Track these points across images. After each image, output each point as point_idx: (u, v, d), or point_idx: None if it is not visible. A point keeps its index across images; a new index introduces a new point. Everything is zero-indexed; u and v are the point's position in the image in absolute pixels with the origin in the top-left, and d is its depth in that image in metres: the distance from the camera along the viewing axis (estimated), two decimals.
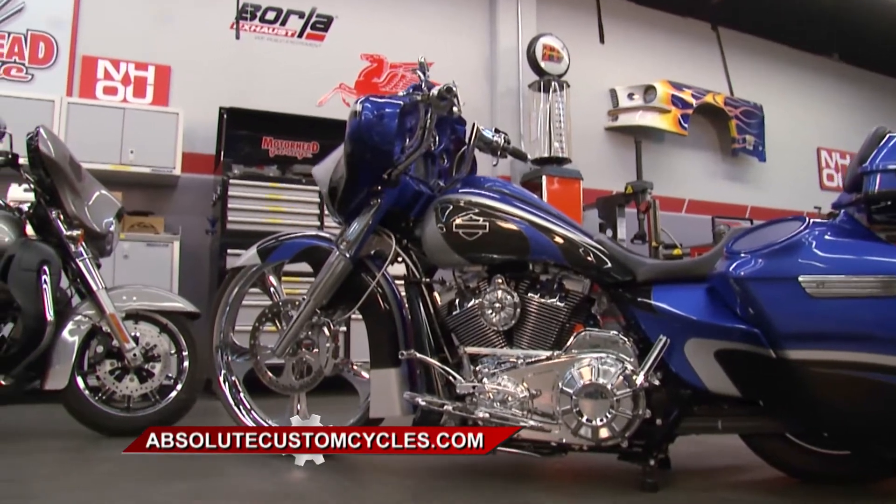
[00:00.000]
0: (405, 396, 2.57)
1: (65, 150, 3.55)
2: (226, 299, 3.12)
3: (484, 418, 2.40)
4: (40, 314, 3.25)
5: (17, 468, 2.70)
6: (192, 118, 5.94)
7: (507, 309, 2.49)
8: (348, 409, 2.85)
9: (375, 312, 2.74)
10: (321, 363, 2.81)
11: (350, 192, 2.68)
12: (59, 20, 6.04)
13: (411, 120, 2.65)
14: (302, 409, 2.90)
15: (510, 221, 2.49)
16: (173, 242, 5.50)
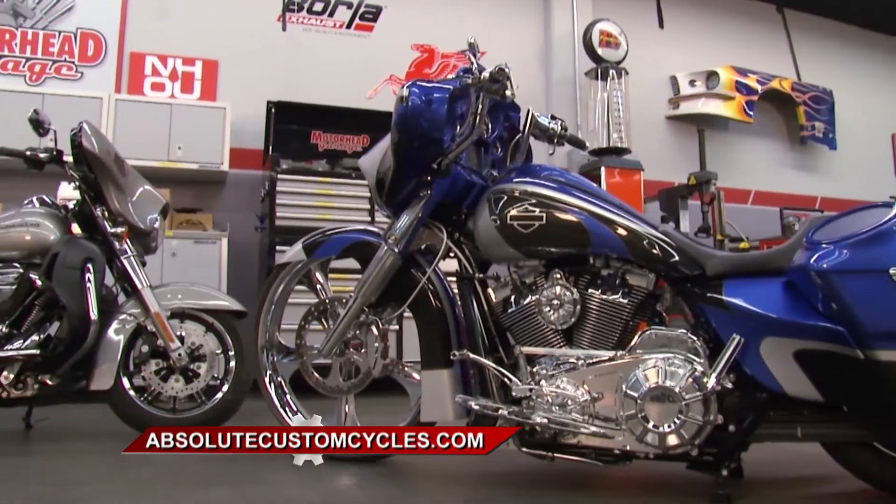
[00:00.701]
0: (457, 400, 2.45)
1: (108, 146, 3.52)
2: (271, 297, 3.04)
3: (542, 424, 2.27)
4: (84, 313, 3.23)
5: (59, 471, 2.67)
6: (240, 113, 5.94)
7: (566, 306, 2.35)
8: (399, 411, 2.76)
9: (426, 310, 2.63)
10: (369, 364, 2.71)
11: (398, 183, 2.57)
12: (107, 17, 6.11)
13: (462, 105, 2.53)
14: (350, 411, 2.82)
15: (569, 212, 2.36)
16: (221, 239, 5.50)
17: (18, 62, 5.89)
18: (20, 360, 3.21)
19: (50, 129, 3.46)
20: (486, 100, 2.46)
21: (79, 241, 3.39)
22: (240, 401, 3.48)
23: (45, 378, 3.24)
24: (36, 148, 3.50)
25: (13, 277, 3.30)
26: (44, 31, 5.96)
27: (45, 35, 5.96)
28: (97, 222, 3.47)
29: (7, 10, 5.93)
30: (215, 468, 2.43)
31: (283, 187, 5.49)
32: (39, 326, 3.32)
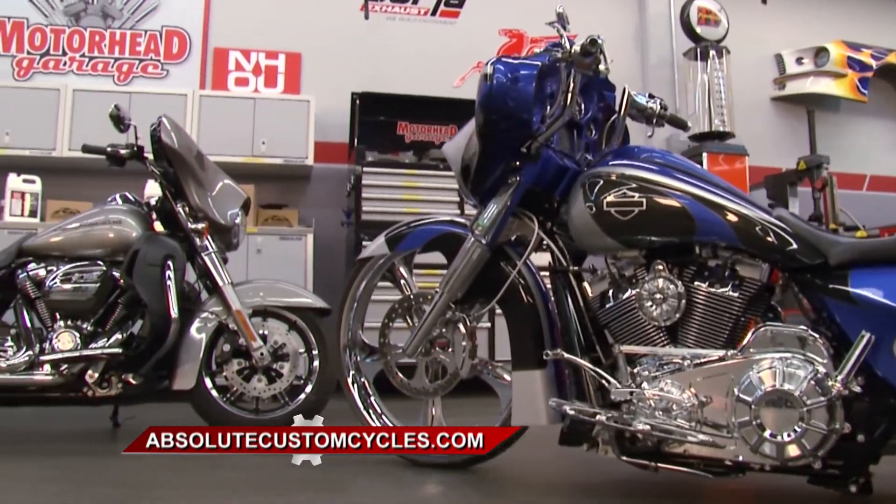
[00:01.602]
0: (551, 403, 2.29)
1: (187, 140, 3.51)
2: (353, 294, 2.96)
3: (644, 430, 2.10)
4: (164, 311, 3.21)
5: (143, 471, 2.63)
6: (324, 105, 5.93)
7: (670, 300, 2.16)
8: (489, 412, 2.62)
9: (517, 306, 2.49)
10: (457, 364, 2.58)
11: (484, 169, 2.43)
12: (191, 14, 6.20)
13: (552, 83, 2.38)
14: (437, 414, 2.70)
15: (672, 197, 2.17)
16: (307, 235, 5.48)
17: (108, 62, 6.05)
18: (104, 358, 3.22)
19: (131, 125, 3.46)
20: (578, 76, 2.29)
21: (159, 238, 3.39)
22: (324, 402, 3.41)
23: (128, 377, 3.25)
24: (117, 144, 3.51)
25: (97, 275, 3.31)
26: (131, 31, 6.12)
27: (132, 35, 6.11)
28: (178, 219, 3.46)
29: (97, 12, 6.11)
30: (298, 474, 2.36)
31: (369, 180, 5.44)
32: (123, 325, 3.33)
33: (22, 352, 3.24)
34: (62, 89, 5.52)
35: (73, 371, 3.21)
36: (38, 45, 6.02)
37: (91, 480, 2.54)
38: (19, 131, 5.45)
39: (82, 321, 3.29)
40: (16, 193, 5.41)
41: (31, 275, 3.35)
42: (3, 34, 6.01)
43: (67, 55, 6.03)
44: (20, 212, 5.38)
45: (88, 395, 3.23)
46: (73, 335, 3.24)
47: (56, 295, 3.29)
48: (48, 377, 3.21)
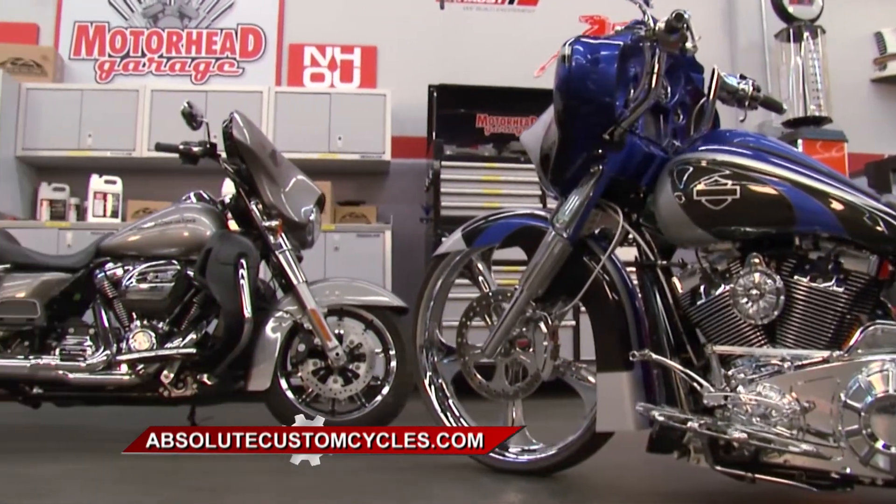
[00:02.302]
0: (638, 408, 2.17)
1: (260, 136, 3.50)
2: (429, 292, 2.89)
3: (740, 439, 1.95)
4: (238, 311, 3.20)
5: (216, 475, 2.62)
6: (401, 99, 5.89)
7: (768, 297, 2.01)
8: (574, 415, 2.51)
9: (601, 304, 2.38)
10: (538, 365, 2.47)
11: (564, 158, 2.33)
12: (266, 11, 6.27)
13: (635, 65, 2.26)
14: (517, 417, 2.61)
15: (768, 183, 2.02)
16: (385, 232, 5.46)
17: (185, 62, 6.16)
18: (178, 359, 3.23)
19: (203, 122, 3.46)
20: (664, 56, 2.16)
21: (232, 237, 3.38)
22: (401, 404, 3.36)
23: (203, 377, 3.26)
24: (190, 142, 3.52)
25: (171, 275, 3.32)
26: (207, 30, 6.23)
27: (208, 34, 6.22)
28: (252, 216, 3.45)
29: (174, 12, 6.23)
30: (374, 480, 2.33)
31: (448, 175, 5.38)
32: (197, 324, 3.34)
33: (100, 351, 3.28)
34: (141, 90, 5.64)
35: (148, 371, 3.23)
36: (118, 47, 6.18)
37: (162, 482, 2.54)
38: (101, 133, 5.59)
39: (158, 321, 3.31)
40: (98, 194, 5.55)
41: (109, 274, 3.39)
42: (87, 38, 6.19)
43: (146, 56, 6.16)
44: (102, 212, 5.52)
45: (164, 395, 3.25)
46: (148, 335, 3.26)
47: (132, 295, 3.32)
48: (125, 377, 3.23)
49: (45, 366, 3.24)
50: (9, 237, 3.66)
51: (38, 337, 3.34)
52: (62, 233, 5.28)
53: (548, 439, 2.55)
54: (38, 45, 6.10)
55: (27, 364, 3.23)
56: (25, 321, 3.29)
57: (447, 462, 2.68)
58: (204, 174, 3.77)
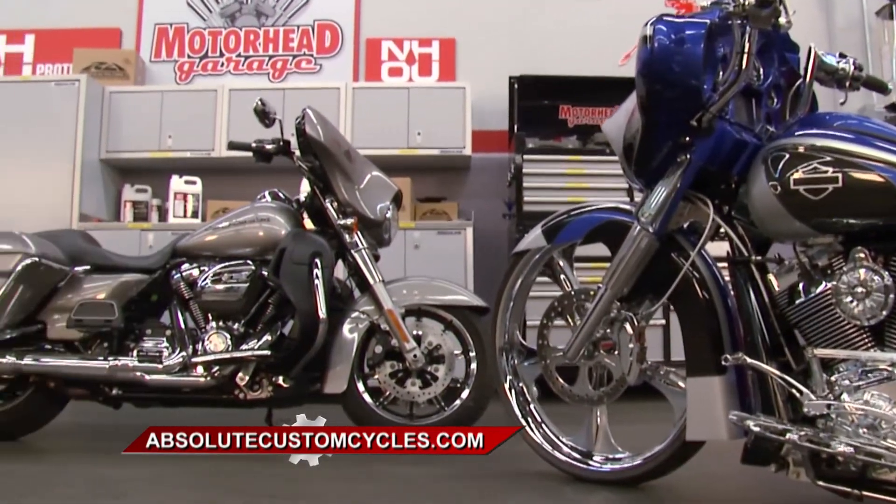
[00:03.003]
0: (731, 417, 2.04)
1: (333, 132, 3.47)
2: (508, 292, 2.80)
3: (846, 453, 1.80)
4: (313, 311, 3.17)
5: (291, 481, 2.57)
6: (481, 92, 5.84)
7: (875, 295, 1.85)
8: (662, 422, 2.39)
9: (690, 303, 2.25)
10: (623, 369, 2.36)
11: (649, 147, 2.21)
12: (342, 6, 6.30)
13: (724, 44, 2.12)
14: (602, 423, 2.50)
15: (873, 170, 1.85)
16: (466, 229, 5.40)
17: (262, 61, 6.23)
18: (253, 360, 3.23)
19: (275, 120, 3.45)
20: (755, 34, 2.03)
21: (306, 235, 3.36)
22: (482, 407, 3.29)
23: (279, 380, 3.25)
24: (263, 140, 3.51)
25: (246, 275, 3.32)
26: (284, 28, 6.29)
27: (285, 31, 6.28)
28: (327, 214, 3.42)
29: (251, 11, 6.31)
30: (444, 488, 2.26)
31: (531, 169, 5.30)
32: (273, 326, 3.33)
33: (176, 353, 3.30)
34: (219, 90, 5.72)
35: (223, 373, 3.24)
36: (197, 48, 6.30)
37: (237, 488, 2.53)
38: (181, 134, 5.70)
39: (233, 322, 3.32)
40: (178, 195, 5.65)
41: (184, 275, 3.42)
42: (166, 40, 6.33)
43: (224, 56, 6.26)
44: (182, 213, 5.62)
45: (240, 397, 3.26)
46: (223, 336, 3.27)
47: (207, 295, 3.33)
48: (201, 379, 3.25)
49: (123, 367, 3.27)
50: (88, 238, 3.73)
51: (117, 338, 3.38)
52: (144, 234, 5.39)
53: (635, 446, 2.44)
54: (121, 48, 6.25)
55: (106, 365, 3.27)
56: (103, 322, 3.33)
57: (529, 471, 2.61)
58: (283, 173, 3.76)
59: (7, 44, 6.54)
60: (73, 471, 2.61)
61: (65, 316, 3.36)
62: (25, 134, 5.53)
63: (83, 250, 3.53)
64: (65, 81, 5.64)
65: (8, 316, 3.31)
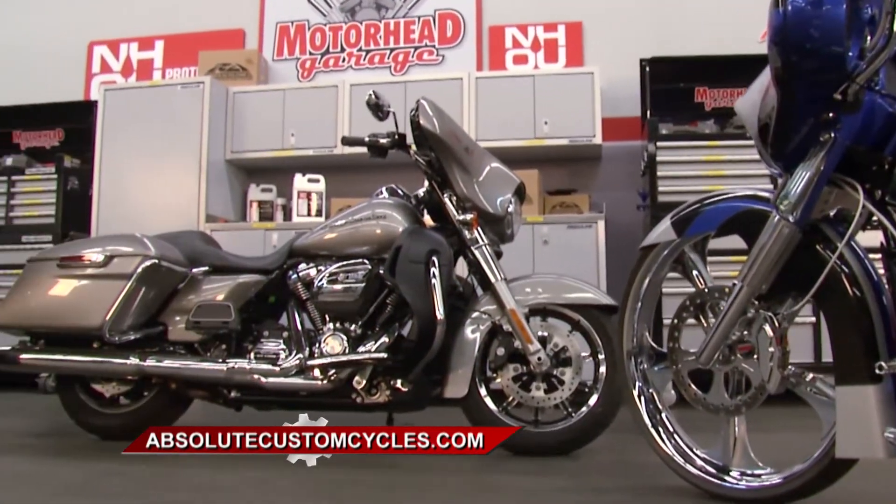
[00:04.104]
0: (888, 435, 1.82)
1: (450, 123, 3.37)
2: (636, 290, 2.64)
3: None
4: (430, 312, 3.09)
5: (414, 489, 2.54)
6: (610, 77, 5.68)
7: None
8: (810, 431, 2.17)
9: (839, 301, 2.03)
10: (763, 375, 2.15)
11: (786, 126, 2.01)
12: None
13: (870, 4, 1.90)
14: (741, 434, 2.30)
15: None
16: (597, 222, 5.21)
17: (383, 54, 6.25)
18: (370, 363, 3.19)
19: (389, 112, 3.39)
20: None
21: (423, 233, 3.28)
22: (612, 413, 3.12)
23: (397, 383, 3.20)
24: (377, 134, 3.45)
25: (362, 275, 3.28)
26: (404, 19, 6.30)
27: (405, 23, 6.29)
28: (445, 210, 3.33)
29: (371, 4, 6.35)
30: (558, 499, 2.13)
31: (665, 156, 5.08)
32: (390, 327, 3.27)
33: (293, 355, 3.31)
34: (340, 85, 5.76)
35: (340, 376, 3.21)
36: (318, 44, 6.38)
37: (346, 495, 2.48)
38: (303, 132, 5.77)
39: (350, 323, 3.28)
40: (302, 193, 5.71)
41: (302, 276, 3.41)
42: (288, 38, 6.43)
43: (345, 51, 6.32)
44: (306, 212, 5.67)
45: (357, 401, 3.23)
46: (340, 339, 3.24)
47: (324, 296, 3.31)
48: (317, 382, 3.23)
49: (241, 369, 3.30)
50: (208, 239, 3.78)
51: (235, 340, 3.42)
52: (268, 233, 5.48)
53: (777, 460, 2.23)
54: (244, 49, 6.38)
55: (223, 367, 3.30)
56: (220, 324, 3.37)
57: (663, 486, 2.46)
58: (407, 168, 3.68)
59: (139, 50, 6.84)
60: (182, 474, 2.62)
61: (184, 318, 3.44)
62: (155, 137, 5.75)
63: (202, 251, 3.59)
64: (190, 84, 5.80)
65: (130, 318, 3.39)
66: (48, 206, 5.84)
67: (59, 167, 5.91)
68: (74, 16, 7.02)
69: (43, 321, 3.44)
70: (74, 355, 3.40)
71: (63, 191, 5.83)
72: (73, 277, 3.40)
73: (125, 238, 3.52)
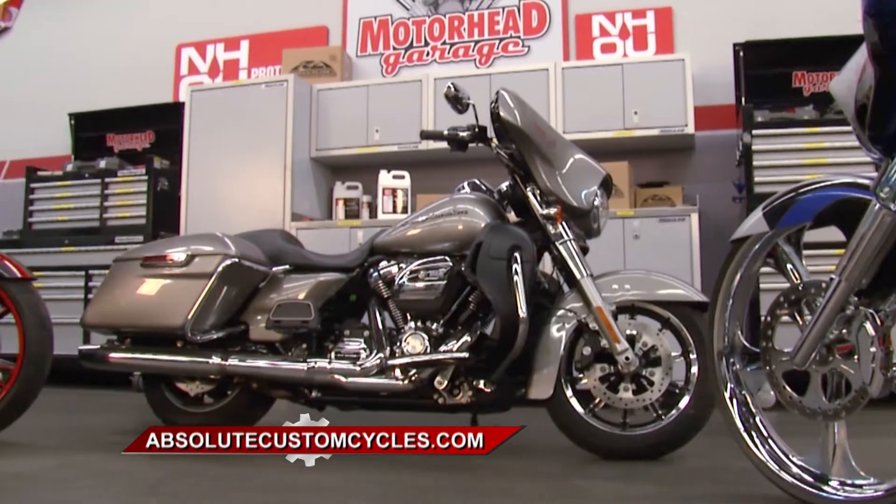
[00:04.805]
0: None
1: (532, 114, 3.31)
2: (727, 286, 2.52)
3: None
4: (512, 310, 3.02)
5: (498, 496, 2.47)
6: (702, 63, 5.55)
7: None
8: None
9: None
10: (864, 378, 2.01)
11: (885, 106, 1.87)
12: None
13: None
14: (840, 439, 2.16)
15: None
16: (691, 215, 5.07)
17: (468, 46, 6.22)
18: (452, 363, 3.14)
19: (469, 105, 3.33)
20: None
21: (505, 228, 3.22)
22: (704, 416, 2.99)
23: (479, 384, 3.14)
24: (458, 127, 3.40)
25: (444, 272, 3.23)
26: (489, 10, 6.27)
27: (490, 14, 6.26)
28: (529, 204, 3.26)
29: None
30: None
31: (762, 145, 4.93)
32: (472, 326, 3.22)
33: (373, 355, 3.29)
34: (423, 80, 5.76)
35: (421, 377, 3.18)
36: (402, 39, 6.39)
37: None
38: (387, 127, 5.78)
39: (432, 322, 3.25)
40: (387, 190, 5.73)
41: (382, 273, 3.39)
42: (371, 34, 6.47)
43: (429, 45, 6.32)
44: (392, 208, 5.68)
45: (439, 402, 3.19)
46: (421, 338, 3.20)
47: (405, 294, 3.27)
48: (398, 382, 3.20)
49: (321, 369, 3.30)
50: (289, 238, 3.81)
51: (315, 339, 3.43)
52: (353, 231, 5.51)
53: (883, 468, 2.09)
54: (328, 45, 6.43)
55: (304, 367, 3.31)
56: (300, 323, 3.38)
57: (755, 494, 2.35)
58: (493, 163, 3.62)
59: (225, 51, 6.97)
60: (264, 475, 2.62)
61: (265, 317, 3.46)
62: (240, 136, 5.85)
63: (283, 250, 3.61)
64: (274, 82, 5.88)
65: (212, 317, 3.44)
66: (139, 207, 6.02)
67: (149, 168, 6.07)
68: (162, 20, 7.21)
69: (128, 320, 3.51)
70: (158, 354, 3.46)
71: (153, 192, 5.99)
72: (156, 277, 3.47)
73: (206, 237, 3.56)
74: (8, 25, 7.72)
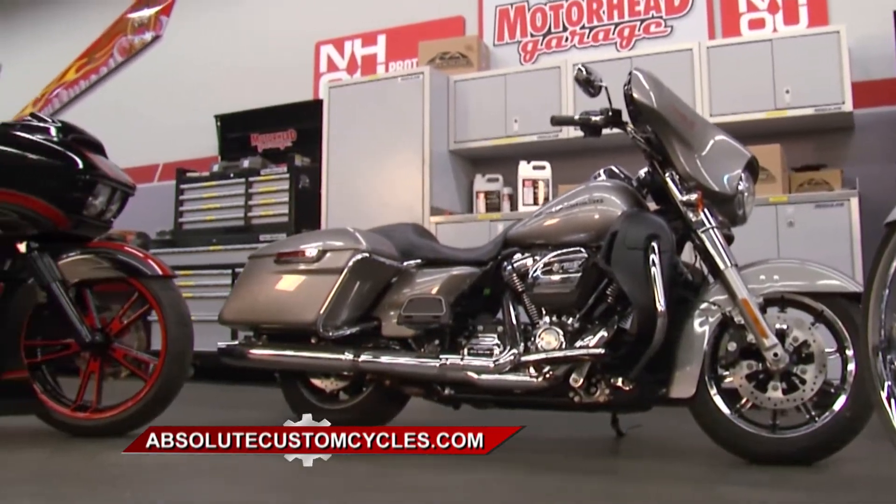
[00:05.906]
0: None
1: (669, 95, 3.16)
2: (881, 274, 2.31)
3: None
4: (649, 303, 2.88)
5: (636, 499, 2.40)
6: (860, 35, 5.20)
7: None
8: None
9: None
10: None
11: None
12: None
13: None
14: None
15: None
16: (850, 200, 4.76)
17: (608, 30, 6.10)
18: (587, 360, 3.03)
19: (601, 87, 3.21)
20: None
21: (641, 216, 3.08)
22: (863, 418, 2.75)
23: (617, 381, 3.01)
24: (590, 111, 3.28)
25: (578, 264, 3.14)
26: None
27: None
28: (668, 191, 3.12)
29: None
30: None
31: None
32: (608, 320, 3.10)
33: (507, 351, 3.21)
34: (562, 66, 5.68)
35: (556, 374, 3.08)
36: (539, 25, 6.33)
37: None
38: (526, 117, 5.71)
39: (567, 316, 3.14)
40: (527, 181, 5.67)
41: (516, 266, 3.32)
42: (508, 22, 6.42)
43: (568, 30, 6.21)
44: (532, 200, 5.60)
45: (575, 400, 3.08)
46: (556, 333, 3.11)
47: (539, 288, 3.19)
48: (532, 380, 3.11)
49: (453, 366, 3.25)
50: (422, 232, 3.79)
51: (448, 335, 3.39)
52: (493, 224, 5.45)
53: None
54: (464, 36, 6.41)
55: (436, 364, 3.28)
56: (431, 319, 3.34)
57: None
58: (635, 149, 3.51)
59: (363, 46, 7.06)
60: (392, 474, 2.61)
61: (397, 312, 3.45)
62: (378, 131, 5.91)
63: (415, 244, 3.60)
64: (409, 76, 5.91)
65: (344, 312, 3.46)
66: (282, 205, 6.20)
67: (291, 167, 6.23)
68: (301, 18, 7.39)
69: (263, 317, 3.58)
70: (293, 350, 3.51)
71: (295, 189, 6.16)
72: (289, 273, 3.52)
73: (337, 232, 3.59)
74: (159, 34, 8.10)
